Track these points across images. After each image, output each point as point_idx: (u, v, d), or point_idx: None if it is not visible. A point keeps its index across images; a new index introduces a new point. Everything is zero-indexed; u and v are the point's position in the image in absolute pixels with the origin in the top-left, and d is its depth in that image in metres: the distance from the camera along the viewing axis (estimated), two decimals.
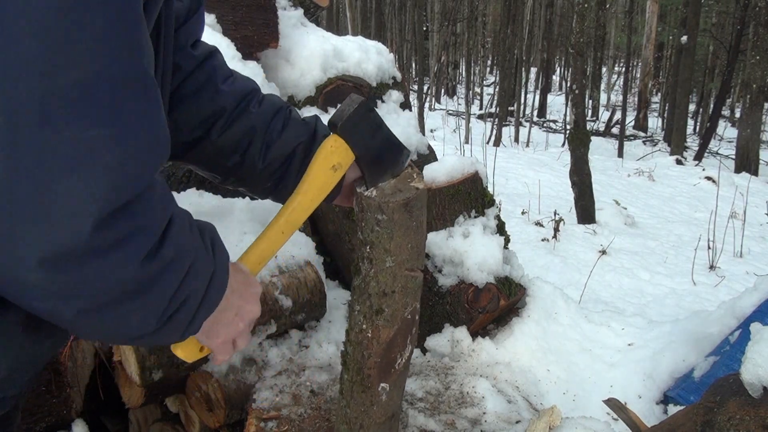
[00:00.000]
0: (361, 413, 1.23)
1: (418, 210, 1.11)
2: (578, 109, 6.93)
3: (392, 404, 1.27)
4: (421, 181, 1.14)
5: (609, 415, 1.76)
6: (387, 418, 1.27)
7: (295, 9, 2.66)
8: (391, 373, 1.21)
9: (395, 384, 1.24)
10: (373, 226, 1.08)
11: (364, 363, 1.18)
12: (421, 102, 14.76)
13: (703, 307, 4.32)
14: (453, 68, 25.88)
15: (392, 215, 1.07)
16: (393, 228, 1.08)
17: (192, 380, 1.67)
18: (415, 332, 1.25)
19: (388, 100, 2.68)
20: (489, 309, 1.93)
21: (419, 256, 1.17)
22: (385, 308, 1.14)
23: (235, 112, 1.15)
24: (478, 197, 2.00)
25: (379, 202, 1.06)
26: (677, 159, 11.87)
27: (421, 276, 1.18)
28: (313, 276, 1.85)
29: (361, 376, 1.19)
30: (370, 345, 1.17)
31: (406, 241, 1.11)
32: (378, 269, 1.11)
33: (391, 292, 1.13)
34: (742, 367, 1.10)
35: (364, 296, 1.14)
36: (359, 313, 1.16)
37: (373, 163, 1.10)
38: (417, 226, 1.12)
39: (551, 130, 17.77)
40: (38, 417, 1.80)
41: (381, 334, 1.16)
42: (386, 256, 1.10)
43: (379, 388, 1.21)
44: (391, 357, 1.19)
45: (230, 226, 1.73)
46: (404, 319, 1.18)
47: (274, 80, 2.30)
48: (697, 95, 20.79)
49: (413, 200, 1.08)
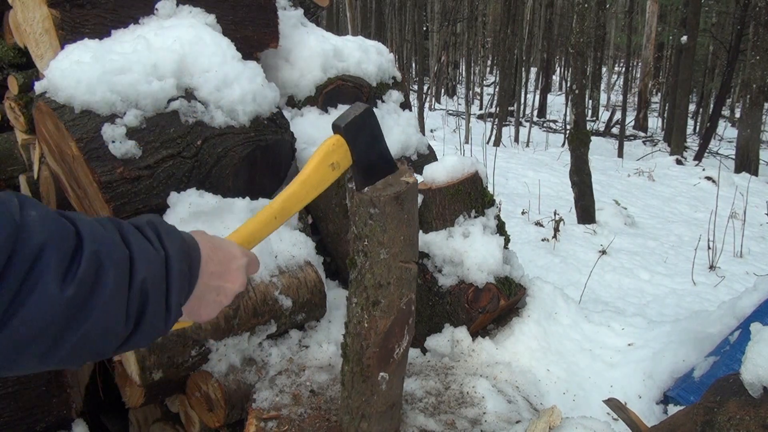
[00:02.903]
0: (362, 402, 1.27)
1: (409, 203, 1.16)
2: (578, 109, 6.93)
3: (392, 394, 1.31)
4: (411, 176, 1.18)
5: (609, 415, 1.76)
6: (388, 407, 1.31)
7: (295, 9, 2.66)
8: (390, 362, 1.25)
9: (395, 373, 1.28)
10: (366, 220, 1.13)
11: (363, 353, 1.22)
12: (421, 102, 14.76)
13: (703, 307, 4.32)
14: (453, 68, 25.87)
15: (384, 208, 1.11)
16: (386, 221, 1.12)
17: (192, 380, 1.67)
18: (412, 322, 1.29)
19: (388, 100, 2.68)
20: (489, 309, 1.93)
21: (412, 248, 1.21)
22: (381, 299, 1.18)
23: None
24: (478, 197, 2.00)
25: (371, 196, 1.11)
26: (677, 159, 11.87)
27: (415, 268, 1.22)
28: (313, 276, 1.85)
29: (360, 366, 1.24)
30: (368, 335, 1.21)
31: (399, 234, 1.15)
32: (373, 261, 1.15)
33: (387, 283, 1.17)
34: (742, 367, 1.10)
35: (361, 288, 1.18)
36: (357, 305, 1.20)
37: (366, 171, 1.14)
38: (409, 218, 1.16)
39: (551, 130, 17.76)
40: (38, 417, 1.81)
41: (378, 325, 1.20)
42: (380, 249, 1.14)
43: (379, 377, 1.25)
44: (389, 347, 1.23)
45: (230, 226, 1.73)
46: (400, 310, 1.22)
47: (274, 80, 2.30)
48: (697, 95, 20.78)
49: (404, 193, 1.13)
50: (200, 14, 2.05)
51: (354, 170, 1.14)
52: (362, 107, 1.13)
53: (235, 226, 1.74)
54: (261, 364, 1.74)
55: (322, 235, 2.22)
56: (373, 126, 1.15)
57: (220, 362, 1.66)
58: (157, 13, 2.00)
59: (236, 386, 1.64)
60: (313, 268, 1.87)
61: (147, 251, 0.79)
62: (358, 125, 1.11)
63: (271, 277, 1.75)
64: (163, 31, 1.90)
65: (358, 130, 1.11)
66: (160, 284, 0.80)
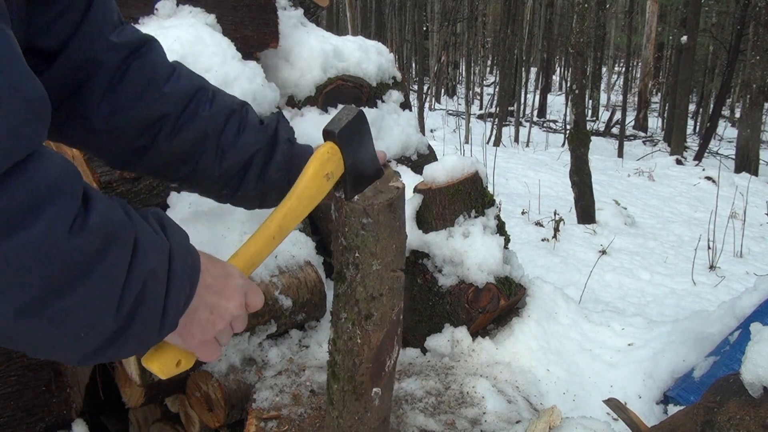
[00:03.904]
0: (355, 421, 1.21)
1: (400, 209, 1.11)
2: (578, 109, 6.93)
3: (384, 408, 1.26)
4: (399, 181, 1.13)
5: (609, 415, 1.76)
6: (380, 422, 1.26)
7: (295, 9, 2.66)
8: (382, 376, 1.20)
9: (386, 387, 1.23)
10: (358, 231, 1.06)
11: (356, 370, 1.16)
12: (421, 102, 14.76)
13: (703, 307, 4.32)
14: (453, 68, 25.87)
15: (377, 217, 1.05)
16: (378, 230, 1.07)
17: (192, 380, 1.67)
18: (400, 333, 1.24)
19: (388, 100, 2.68)
20: (489, 309, 1.93)
21: (402, 257, 1.16)
22: (374, 312, 1.12)
23: (183, 117, 1.03)
24: (478, 197, 2.00)
25: (363, 206, 1.05)
26: (677, 159, 11.87)
27: (403, 276, 1.17)
28: (313, 276, 1.85)
29: (353, 384, 1.17)
30: (360, 351, 1.14)
31: (391, 243, 1.10)
32: (365, 273, 1.09)
33: (379, 295, 1.11)
34: (742, 367, 1.10)
35: (351, 302, 1.12)
36: (347, 320, 1.13)
37: (356, 179, 1.08)
38: (400, 226, 1.12)
39: (551, 130, 17.75)
40: (38, 417, 1.80)
41: (372, 339, 1.14)
42: (373, 260, 1.08)
43: (372, 393, 1.19)
44: (381, 361, 1.18)
45: (230, 226, 1.73)
46: (392, 321, 1.17)
47: (274, 80, 2.30)
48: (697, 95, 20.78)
49: (396, 200, 1.08)
50: (200, 14, 2.05)
51: (344, 178, 1.07)
52: (354, 111, 1.07)
53: (235, 226, 1.75)
54: (261, 364, 1.74)
55: (322, 235, 2.22)
56: (365, 131, 1.09)
57: (220, 362, 1.66)
58: (157, 13, 2.00)
59: (236, 386, 1.64)
60: (313, 268, 1.87)
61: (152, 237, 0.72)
62: (351, 131, 1.05)
63: (271, 277, 1.75)
64: (163, 31, 1.90)
65: (351, 136, 1.05)
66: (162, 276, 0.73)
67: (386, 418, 1.30)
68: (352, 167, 1.06)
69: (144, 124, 1.01)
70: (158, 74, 1.02)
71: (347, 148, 1.05)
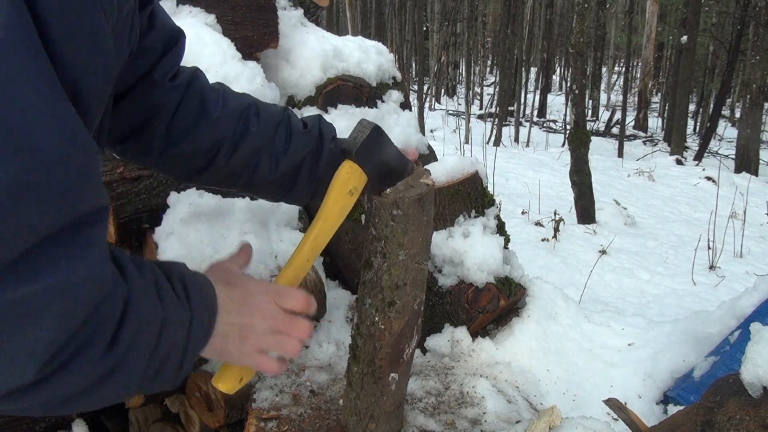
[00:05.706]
0: (371, 404, 1.28)
1: (429, 205, 1.17)
2: (578, 109, 6.93)
3: (400, 393, 1.32)
4: (429, 178, 1.19)
5: (609, 415, 1.76)
6: (395, 407, 1.33)
7: (295, 9, 2.66)
8: (400, 363, 1.26)
9: (403, 373, 1.30)
10: (387, 222, 1.13)
11: (375, 354, 1.23)
12: (421, 102, 14.76)
13: (703, 307, 4.32)
14: (453, 68, 25.87)
15: (407, 210, 1.12)
16: (407, 222, 1.13)
17: (192, 380, 1.67)
18: (421, 323, 1.30)
19: (388, 100, 2.68)
20: (489, 309, 1.93)
21: (428, 250, 1.23)
22: (397, 300, 1.19)
23: (236, 136, 1.11)
24: (478, 197, 2.00)
25: (395, 198, 1.12)
26: (677, 159, 11.88)
27: (427, 268, 1.24)
28: (313, 276, 1.85)
29: (372, 367, 1.24)
30: (381, 336, 1.21)
31: (418, 235, 1.16)
32: (391, 263, 1.16)
33: (403, 284, 1.18)
34: (742, 367, 1.10)
35: (377, 290, 1.19)
36: (371, 306, 1.20)
37: (381, 179, 1.14)
38: (427, 220, 1.18)
39: (551, 130, 17.76)
40: (38, 417, 1.80)
41: (393, 326, 1.21)
42: (399, 250, 1.15)
43: (389, 378, 1.26)
44: (401, 347, 1.24)
45: (230, 226, 1.73)
46: (413, 310, 1.23)
47: (274, 80, 2.30)
48: (697, 95, 20.79)
49: (426, 195, 1.14)
50: (200, 14, 2.05)
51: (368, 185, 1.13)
52: (369, 126, 1.11)
53: (235, 226, 1.75)
54: None
55: None
56: (383, 141, 1.14)
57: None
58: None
59: None
60: (313, 268, 1.87)
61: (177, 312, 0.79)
62: (368, 147, 1.10)
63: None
64: None
65: (369, 152, 1.10)
66: (182, 344, 0.80)
67: (401, 404, 1.36)
68: (376, 174, 1.12)
69: (201, 150, 1.09)
70: (208, 102, 1.10)
71: (367, 163, 1.11)
